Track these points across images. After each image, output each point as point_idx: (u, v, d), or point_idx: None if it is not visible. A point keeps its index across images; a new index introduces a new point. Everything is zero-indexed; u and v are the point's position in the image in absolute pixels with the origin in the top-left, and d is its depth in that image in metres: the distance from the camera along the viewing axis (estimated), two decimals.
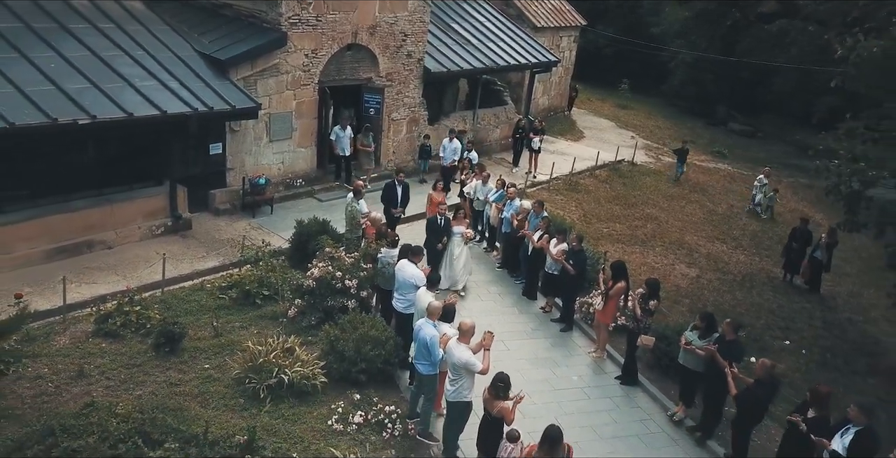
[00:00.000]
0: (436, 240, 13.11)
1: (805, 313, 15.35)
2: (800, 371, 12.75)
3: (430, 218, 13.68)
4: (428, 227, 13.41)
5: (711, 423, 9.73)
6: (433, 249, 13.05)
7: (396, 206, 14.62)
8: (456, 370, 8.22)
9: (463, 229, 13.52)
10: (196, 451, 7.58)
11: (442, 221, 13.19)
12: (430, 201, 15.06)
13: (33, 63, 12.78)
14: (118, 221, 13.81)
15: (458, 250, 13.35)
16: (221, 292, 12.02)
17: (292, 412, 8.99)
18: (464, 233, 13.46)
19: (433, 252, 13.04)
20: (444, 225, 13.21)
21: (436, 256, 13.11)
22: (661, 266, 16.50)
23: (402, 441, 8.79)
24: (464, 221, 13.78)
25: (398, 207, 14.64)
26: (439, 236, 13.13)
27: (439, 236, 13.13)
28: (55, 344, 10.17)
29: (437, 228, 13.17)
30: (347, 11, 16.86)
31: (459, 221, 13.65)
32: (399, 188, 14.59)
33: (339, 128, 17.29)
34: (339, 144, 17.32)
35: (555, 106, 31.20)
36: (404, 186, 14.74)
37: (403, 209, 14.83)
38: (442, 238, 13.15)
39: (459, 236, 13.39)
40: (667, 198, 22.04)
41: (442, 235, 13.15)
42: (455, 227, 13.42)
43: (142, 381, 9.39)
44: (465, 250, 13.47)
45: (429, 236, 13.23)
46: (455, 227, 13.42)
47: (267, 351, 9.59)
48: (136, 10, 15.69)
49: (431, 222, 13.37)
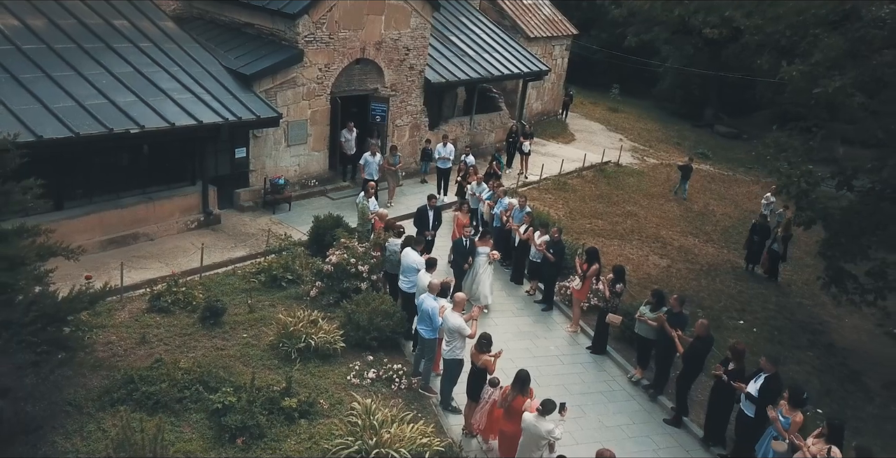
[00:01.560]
0: (462, 260, 13.87)
1: (761, 298, 17.37)
2: (749, 346, 14.74)
3: (457, 240, 14.33)
4: (454, 248, 14.15)
5: (661, 381, 11.79)
6: (459, 269, 13.93)
7: (428, 228, 15.13)
8: (451, 334, 10.26)
9: (488, 249, 14.03)
10: (246, 395, 9.62)
11: (467, 242, 13.94)
12: (455, 223, 15.93)
13: (87, 79, 14.81)
14: (159, 216, 15.86)
15: (483, 269, 13.94)
16: (252, 277, 14.05)
17: (318, 369, 11.05)
18: (489, 254, 14.03)
19: (459, 272, 13.97)
20: (469, 246, 13.95)
21: (461, 275, 13.99)
22: (636, 257, 18.54)
23: (406, 393, 10.85)
24: (488, 242, 14.23)
25: (430, 231, 15.17)
26: (465, 256, 13.86)
27: (465, 256, 13.86)
28: (117, 318, 12.19)
29: (462, 249, 13.89)
30: (356, 29, 18.89)
31: (485, 242, 14.16)
32: (431, 213, 15.13)
33: (369, 154, 18.42)
34: (367, 169, 18.33)
35: (548, 110, 33.19)
36: (436, 210, 15.27)
37: (435, 232, 15.36)
38: (468, 259, 13.87)
39: (485, 256, 13.95)
40: (647, 197, 24.06)
41: (468, 255, 13.88)
42: (480, 248, 14.03)
43: (193, 346, 11.42)
44: (489, 270, 14.02)
45: (455, 258, 14.02)
46: (480, 248, 14.03)
47: (295, 322, 11.64)
48: (170, 30, 17.71)
49: (457, 244, 14.08)
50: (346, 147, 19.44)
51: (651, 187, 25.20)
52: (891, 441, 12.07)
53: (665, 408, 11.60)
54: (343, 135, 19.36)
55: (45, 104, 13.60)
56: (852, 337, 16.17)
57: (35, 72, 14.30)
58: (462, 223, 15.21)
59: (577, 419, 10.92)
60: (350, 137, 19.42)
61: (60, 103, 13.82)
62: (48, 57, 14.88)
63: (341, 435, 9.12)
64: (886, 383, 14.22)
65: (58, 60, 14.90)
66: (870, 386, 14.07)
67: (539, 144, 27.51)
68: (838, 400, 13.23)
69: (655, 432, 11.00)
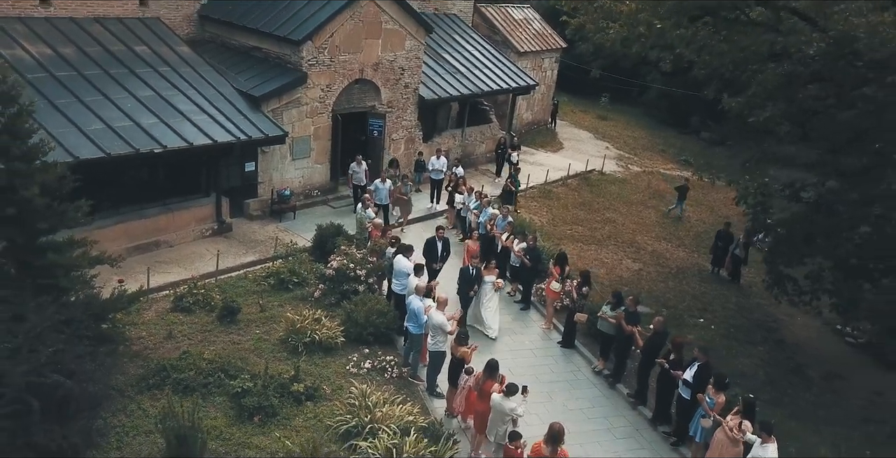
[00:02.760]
0: (468, 288, 14.44)
1: (722, 299, 19.13)
2: (706, 341, 16.49)
3: (463, 268, 14.84)
4: (460, 276, 14.65)
5: (619, 371, 13.55)
6: (465, 296, 14.53)
7: (436, 260, 15.46)
8: (435, 330, 12.02)
9: (493, 278, 14.52)
10: (261, 381, 11.39)
11: (473, 271, 14.46)
12: (466, 251, 16.34)
13: (114, 103, 16.57)
14: (177, 225, 17.62)
15: (488, 297, 14.54)
16: (262, 280, 15.81)
17: (321, 360, 12.82)
18: (494, 282, 14.52)
19: (465, 300, 14.60)
20: (475, 275, 14.46)
21: (467, 303, 14.66)
22: (611, 261, 20.31)
23: (397, 380, 12.62)
24: (494, 271, 14.69)
25: (439, 262, 15.56)
26: (471, 284, 14.39)
27: (471, 284, 14.39)
28: (145, 316, 13.93)
29: (469, 277, 14.41)
30: (355, 52, 20.64)
31: (490, 270, 14.63)
32: (440, 243, 15.50)
33: (380, 181, 19.02)
34: (377, 195, 18.84)
35: (538, 120, 34.93)
36: (444, 241, 15.69)
37: (443, 263, 15.80)
38: (473, 286, 14.39)
39: (490, 284, 14.50)
40: (626, 204, 25.82)
41: (473, 283, 14.40)
42: (486, 276, 14.52)
43: (213, 340, 13.18)
44: (495, 298, 14.61)
45: (461, 285, 14.55)
46: (486, 276, 14.52)
47: (301, 320, 13.41)
48: (186, 54, 19.48)
49: (464, 272, 14.58)
50: (355, 179, 19.97)
51: (631, 195, 26.93)
52: (821, 424, 13.83)
53: (622, 394, 13.36)
54: (352, 168, 20.04)
55: (79, 127, 15.36)
56: (802, 334, 17.92)
57: (69, 97, 16.06)
58: (472, 251, 15.64)
59: (545, 403, 12.69)
60: (359, 170, 19.91)
61: (92, 126, 15.58)
62: (79, 82, 16.66)
63: (341, 414, 10.90)
64: (826, 374, 15.99)
65: (87, 86, 16.68)
66: (811, 377, 15.83)
67: (528, 153, 29.25)
68: (780, 389, 14.99)
69: (611, 414, 12.76)
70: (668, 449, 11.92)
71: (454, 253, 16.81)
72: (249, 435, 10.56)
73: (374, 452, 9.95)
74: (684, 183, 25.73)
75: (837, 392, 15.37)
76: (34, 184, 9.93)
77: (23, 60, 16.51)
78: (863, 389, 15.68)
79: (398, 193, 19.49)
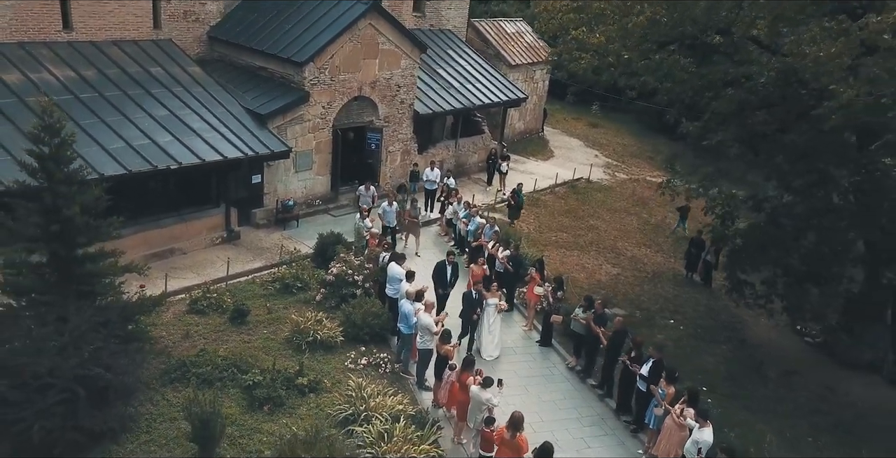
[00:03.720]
0: (471, 311, 14.97)
1: (693, 301, 20.66)
2: (674, 340, 18.06)
3: (466, 292, 15.24)
4: (464, 300, 15.09)
5: (590, 367, 15.10)
6: (468, 319, 15.07)
7: (445, 285, 16.00)
8: (423, 330, 13.56)
9: (496, 301, 15.11)
10: (269, 375, 12.95)
11: (476, 294, 15.00)
12: (471, 274, 16.45)
13: (133, 123, 18.12)
14: (190, 234, 19.18)
15: (492, 319, 15.14)
16: (269, 285, 17.36)
17: (323, 357, 14.38)
18: (497, 305, 15.14)
19: (468, 323, 15.18)
20: (478, 298, 15.00)
21: (471, 326, 15.27)
22: (591, 266, 21.85)
23: (390, 375, 14.17)
24: (496, 294, 15.31)
25: (447, 287, 16.09)
26: (474, 307, 14.93)
27: (474, 307, 14.93)
28: (164, 318, 15.47)
29: (472, 300, 14.90)
30: (354, 72, 22.20)
31: (493, 293, 15.28)
32: (449, 268, 15.95)
33: (387, 204, 19.85)
34: (386, 218, 19.74)
35: (530, 129, 36.46)
36: (454, 266, 16.11)
37: (451, 288, 16.24)
38: (476, 310, 14.92)
39: (493, 307, 15.10)
40: (610, 211, 27.35)
41: (476, 306, 14.93)
42: (489, 299, 15.12)
43: (226, 340, 14.74)
44: (497, 320, 15.23)
45: (464, 308, 15.03)
46: (489, 299, 15.12)
47: (305, 321, 14.97)
48: (197, 75, 21.04)
49: (467, 296, 15.03)
50: (362, 202, 20.96)
51: (615, 202, 28.45)
52: (772, 415, 15.36)
53: (591, 388, 14.92)
54: (359, 191, 21.30)
55: (102, 146, 16.92)
56: (764, 334, 19.43)
57: (92, 118, 17.63)
58: (477, 276, 15.96)
59: (521, 395, 14.24)
60: (366, 194, 21.08)
61: (114, 145, 17.14)
62: (101, 104, 18.23)
63: (340, 404, 12.47)
64: (783, 371, 17.52)
65: (108, 107, 18.24)
66: (768, 374, 17.34)
67: (519, 162, 30.79)
68: (739, 384, 16.53)
69: (581, 405, 14.30)
70: (629, 435, 13.48)
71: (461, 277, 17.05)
72: (260, 422, 12.13)
73: (367, 436, 11.50)
74: (686, 203, 25.82)
75: (792, 387, 16.88)
76: (75, 204, 11.49)
77: (50, 83, 18.09)
78: (816, 384, 17.19)
79: (409, 217, 20.13)
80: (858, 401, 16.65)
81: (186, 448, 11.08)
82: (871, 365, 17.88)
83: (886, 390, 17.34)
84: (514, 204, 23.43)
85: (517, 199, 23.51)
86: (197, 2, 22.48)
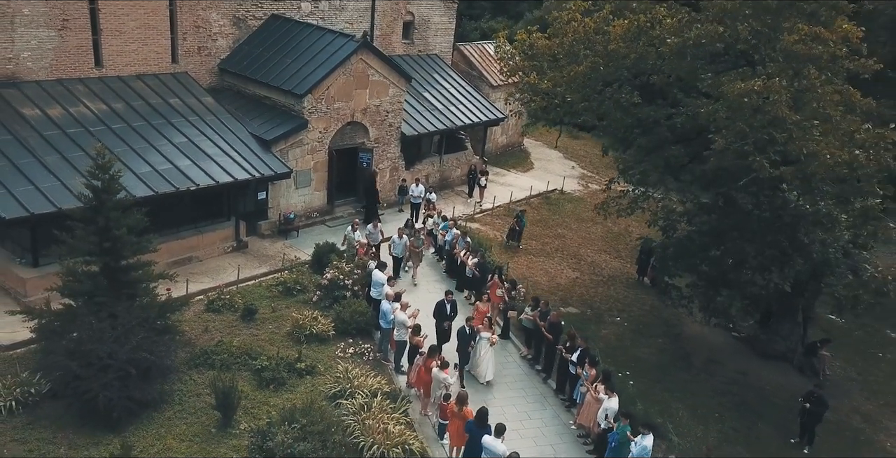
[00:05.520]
0: (466, 345, 16.91)
1: (640, 302, 23.84)
2: (617, 336, 21.24)
3: (460, 328, 16.97)
4: (458, 335, 16.94)
5: (537, 356, 18.31)
6: (464, 353, 16.97)
7: (445, 320, 17.72)
8: (399, 325, 16.76)
9: (489, 334, 16.92)
10: (274, 361, 16.17)
11: (469, 330, 16.81)
12: (476, 311, 18.21)
13: (157, 149, 21.31)
14: (205, 244, 22.38)
15: (484, 350, 16.98)
16: (273, 288, 20.55)
17: (317, 348, 17.58)
18: (489, 338, 16.89)
19: (464, 356, 17.01)
20: (471, 333, 16.87)
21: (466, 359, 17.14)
22: (553, 270, 25.04)
23: (373, 362, 17.38)
24: (490, 329, 17.15)
25: (448, 321, 17.72)
26: (468, 341, 16.90)
27: (468, 341, 16.90)
28: (186, 316, 18.55)
29: (465, 336, 16.83)
30: (347, 101, 25.39)
31: (486, 328, 17.12)
32: (448, 305, 17.68)
33: (397, 237, 21.94)
34: (394, 249, 22.06)
35: (512, 143, 39.52)
36: (452, 303, 17.85)
37: (451, 322, 17.79)
38: (470, 343, 16.91)
39: (486, 340, 16.93)
40: (578, 220, 30.49)
41: (470, 340, 16.92)
42: (483, 333, 16.96)
43: (238, 333, 17.92)
44: (490, 351, 17.05)
45: (460, 343, 16.92)
46: (483, 333, 16.96)
47: (303, 318, 18.17)
48: (210, 104, 24.24)
49: (461, 331, 16.85)
50: (372, 238, 22.59)
51: (584, 212, 31.54)
52: (688, 395, 18.54)
53: (537, 372, 18.11)
54: (369, 228, 22.95)
55: (133, 171, 20.08)
56: (697, 330, 22.57)
57: (123, 146, 20.78)
58: (483, 312, 17.82)
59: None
60: (374, 231, 22.78)
61: (142, 169, 20.33)
62: (129, 133, 21.40)
63: (330, 383, 15.68)
64: (706, 360, 20.71)
65: (136, 136, 21.41)
66: (693, 363, 20.53)
67: (500, 174, 33.97)
68: (665, 371, 19.70)
69: (528, 386, 17.51)
70: (563, 410, 16.70)
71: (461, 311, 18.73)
72: (267, 397, 15.36)
73: (351, 407, 14.72)
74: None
75: (711, 373, 20.06)
76: (122, 225, 14.71)
77: (86, 116, 21.29)
78: (733, 371, 20.37)
79: (412, 248, 22.40)
80: (767, 385, 19.84)
81: (211, 416, 14.31)
82: (783, 355, 21.05)
83: (794, 376, 20.51)
84: (517, 229, 26.25)
85: (520, 224, 26.34)
86: (209, 38, 25.64)
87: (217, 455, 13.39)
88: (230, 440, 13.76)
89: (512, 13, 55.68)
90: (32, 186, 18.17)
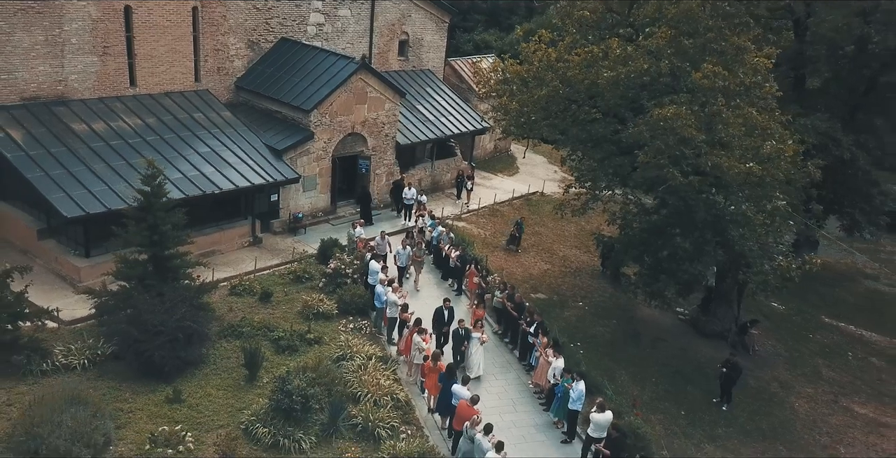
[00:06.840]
0: (459, 345, 19.23)
1: (601, 289, 27.47)
2: (577, 317, 24.87)
3: (454, 330, 19.44)
4: (452, 336, 19.47)
5: (506, 330, 21.97)
6: (458, 352, 19.23)
7: (443, 326, 20.13)
8: (391, 305, 20.41)
9: (479, 335, 19.10)
10: (289, 333, 19.84)
11: (462, 331, 19.06)
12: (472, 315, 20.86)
13: (185, 158, 24.98)
14: (227, 240, 26.05)
15: (476, 349, 19.14)
16: (285, 276, 24.21)
17: (323, 324, 21.24)
18: (480, 338, 19.08)
19: (458, 355, 19.25)
20: (465, 334, 19.09)
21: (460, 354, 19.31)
22: (528, 263, 28.68)
23: (369, 335, 21.04)
24: (480, 329, 19.30)
25: (445, 326, 20.16)
26: (461, 342, 19.17)
27: (461, 342, 19.17)
28: (213, 299, 22.12)
29: (459, 337, 19.18)
30: (348, 115, 29.06)
31: (477, 329, 19.28)
32: (446, 312, 20.21)
33: (401, 248, 24.21)
34: (399, 259, 24.25)
35: (500, 148, 43.14)
36: (450, 310, 20.32)
37: (449, 326, 20.12)
38: (464, 343, 19.10)
39: (477, 339, 19.10)
40: (554, 220, 33.99)
41: (464, 341, 19.14)
42: (474, 333, 19.13)
43: (258, 312, 21.56)
44: (480, 349, 19.20)
45: (454, 344, 19.34)
46: (474, 333, 19.13)
47: (311, 300, 21.85)
48: (229, 118, 27.91)
49: (455, 333, 19.31)
50: (379, 249, 24.49)
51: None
52: (631, 365, 22.17)
53: (505, 344, 21.77)
54: (376, 240, 25.01)
55: (167, 177, 23.61)
56: (648, 313, 26.19)
57: (157, 155, 24.40)
58: (478, 316, 20.45)
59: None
60: (382, 243, 24.82)
61: (174, 176, 23.95)
62: (161, 145, 25.08)
63: (334, 350, 19.36)
64: (654, 338, 24.36)
65: (167, 147, 25.10)
66: (642, 340, 24.16)
67: (486, 178, 37.59)
68: (615, 346, 23.32)
69: (497, 355, 21.13)
70: (524, 372, 20.37)
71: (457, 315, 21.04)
72: (285, 360, 19.03)
73: (351, 367, 18.41)
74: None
75: (656, 349, 23.70)
76: (167, 223, 18.39)
77: (124, 130, 24.98)
78: (675, 347, 24.00)
79: (415, 257, 24.79)
80: (702, 358, 23.48)
81: (240, 373, 18.01)
82: (720, 334, 24.69)
83: (727, 352, 24.05)
84: (517, 235, 29.72)
85: (520, 230, 29.77)
86: (227, 59, 29.30)
87: (246, 399, 17.10)
88: (256, 390, 17.45)
89: (504, 26, 59.24)
90: (86, 190, 21.86)
